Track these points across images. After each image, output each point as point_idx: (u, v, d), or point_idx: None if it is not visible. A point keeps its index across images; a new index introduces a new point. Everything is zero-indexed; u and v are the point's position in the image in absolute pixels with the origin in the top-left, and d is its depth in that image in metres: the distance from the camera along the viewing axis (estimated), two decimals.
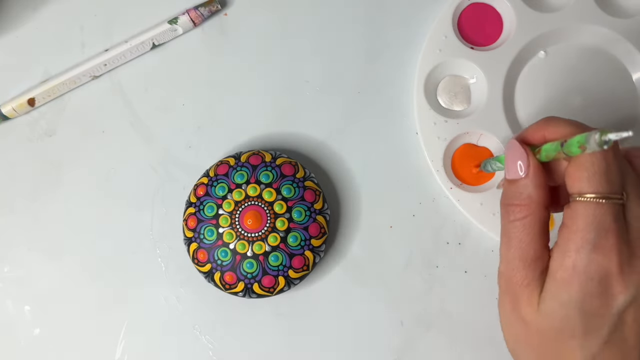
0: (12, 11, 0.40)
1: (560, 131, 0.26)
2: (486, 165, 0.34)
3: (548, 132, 0.27)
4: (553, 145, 0.25)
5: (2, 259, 0.38)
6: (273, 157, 0.36)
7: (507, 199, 0.27)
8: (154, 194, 0.38)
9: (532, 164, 0.26)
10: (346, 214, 0.38)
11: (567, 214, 0.25)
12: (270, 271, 0.34)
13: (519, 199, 0.27)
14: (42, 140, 0.39)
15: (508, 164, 0.27)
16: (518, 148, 0.27)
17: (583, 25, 0.38)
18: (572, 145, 0.23)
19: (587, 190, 0.24)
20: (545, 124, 0.27)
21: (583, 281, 0.24)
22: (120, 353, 0.37)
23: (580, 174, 0.24)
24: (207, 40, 0.39)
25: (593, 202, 0.24)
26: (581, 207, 0.24)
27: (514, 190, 0.27)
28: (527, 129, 0.28)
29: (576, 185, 0.25)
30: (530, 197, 0.26)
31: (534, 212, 0.26)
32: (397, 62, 0.39)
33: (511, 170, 0.27)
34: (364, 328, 0.37)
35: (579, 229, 0.24)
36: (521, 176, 0.27)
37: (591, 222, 0.24)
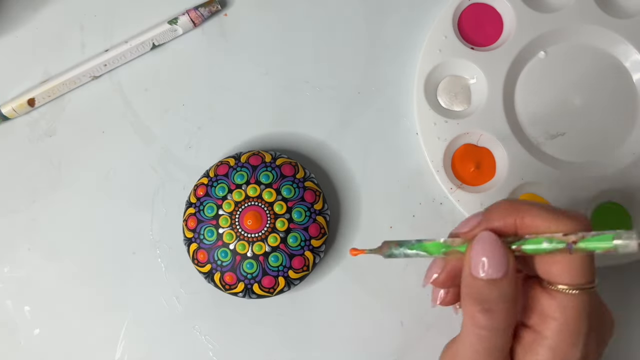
0: (12, 11, 0.40)
1: (540, 224, 0.23)
2: (394, 250, 0.26)
3: (522, 222, 0.23)
4: (552, 244, 0.22)
5: (2, 259, 0.38)
6: (273, 157, 0.36)
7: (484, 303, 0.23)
8: (154, 194, 0.38)
9: (512, 262, 0.23)
10: (346, 214, 0.38)
11: (550, 305, 0.23)
12: (270, 272, 0.34)
13: (502, 302, 0.23)
14: (42, 140, 0.39)
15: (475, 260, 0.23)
16: (497, 245, 0.23)
17: (583, 25, 0.38)
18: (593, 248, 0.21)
19: (578, 282, 0.22)
20: (514, 212, 0.24)
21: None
22: (120, 353, 0.37)
23: (571, 268, 0.22)
24: (207, 41, 0.39)
25: (582, 293, 0.23)
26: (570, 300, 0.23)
27: (494, 291, 0.23)
28: (488, 213, 0.24)
29: (563, 277, 0.23)
30: (513, 299, 0.23)
31: (514, 315, 0.23)
32: (397, 62, 0.39)
33: (489, 268, 0.23)
34: (364, 328, 0.37)
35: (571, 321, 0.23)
36: (501, 276, 0.23)
37: (582, 315, 0.23)
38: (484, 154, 0.38)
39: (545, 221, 0.23)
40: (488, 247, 0.23)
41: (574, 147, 0.38)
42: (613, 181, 0.37)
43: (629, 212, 0.37)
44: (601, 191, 0.36)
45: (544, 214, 0.23)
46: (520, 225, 0.24)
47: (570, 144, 0.38)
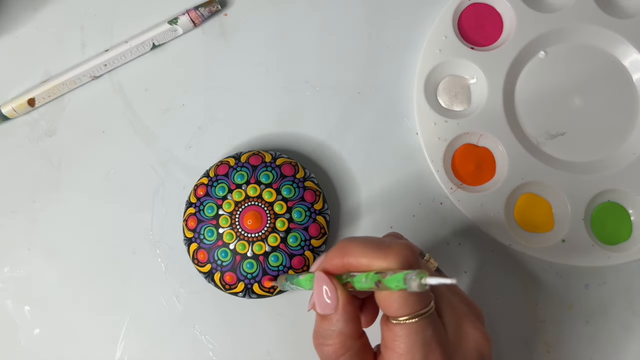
0: (12, 11, 0.40)
1: (360, 262, 0.25)
2: (284, 284, 0.31)
3: (348, 261, 0.25)
4: (367, 281, 0.24)
5: (2, 259, 0.38)
6: (273, 157, 0.36)
7: (320, 338, 0.26)
8: (154, 194, 0.38)
9: (342, 298, 0.25)
10: (346, 214, 0.38)
11: (389, 336, 0.25)
12: (270, 271, 0.34)
13: (331, 338, 0.25)
14: (42, 140, 0.39)
15: (317, 297, 0.26)
16: (326, 281, 0.25)
17: (583, 25, 0.38)
18: (389, 285, 0.22)
19: (404, 313, 0.24)
20: (344, 251, 0.25)
21: None
22: (120, 353, 0.37)
23: (393, 300, 0.24)
24: (207, 41, 0.39)
25: (411, 323, 0.24)
26: (401, 330, 0.24)
27: (325, 327, 0.26)
28: (327, 253, 0.26)
29: (391, 310, 0.24)
30: (343, 333, 0.25)
31: (349, 348, 0.25)
32: (397, 62, 0.39)
33: (321, 305, 0.25)
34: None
35: (405, 351, 0.24)
36: (331, 310, 0.25)
37: (415, 343, 0.24)
38: (484, 154, 0.38)
39: (364, 259, 0.24)
40: (319, 285, 0.25)
41: (574, 147, 0.38)
42: (613, 181, 0.37)
43: (629, 212, 0.37)
44: (601, 191, 0.36)
45: (363, 253, 0.25)
46: (348, 264, 0.25)
47: (570, 144, 0.38)
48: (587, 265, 0.36)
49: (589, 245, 0.36)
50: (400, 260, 0.24)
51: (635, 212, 0.37)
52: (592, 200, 0.37)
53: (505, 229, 0.36)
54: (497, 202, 0.36)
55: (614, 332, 0.37)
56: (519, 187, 0.37)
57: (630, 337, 0.37)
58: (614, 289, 0.37)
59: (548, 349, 0.37)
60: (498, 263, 0.37)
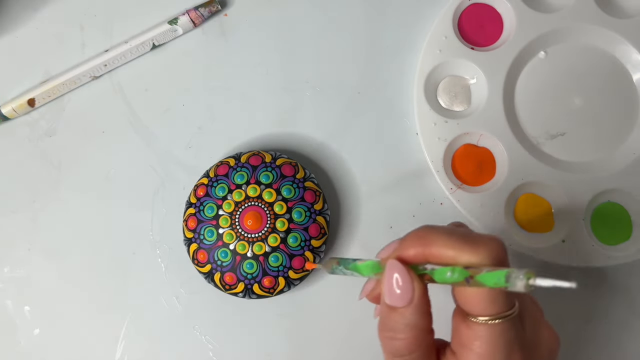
0: (12, 11, 0.40)
1: (444, 256, 0.23)
2: (335, 269, 0.28)
3: (430, 251, 0.23)
4: (454, 276, 0.22)
5: (2, 259, 0.38)
6: (273, 157, 0.36)
7: (389, 331, 0.24)
8: (154, 194, 0.38)
9: (418, 290, 0.23)
10: (346, 214, 0.38)
11: (468, 335, 0.23)
12: (270, 272, 0.34)
13: (403, 331, 0.23)
14: (42, 141, 0.39)
15: (389, 287, 0.24)
16: (402, 272, 0.23)
17: (583, 25, 0.38)
18: (486, 283, 0.21)
19: (490, 313, 0.23)
20: (425, 240, 0.24)
21: None
22: (120, 353, 0.37)
23: (481, 299, 0.22)
24: (207, 41, 0.39)
25: (497, 323, 0.23)
26: (484, 330, 0.23)
27: (396, 319, 0.24)
28: (403, 240, 0.24)
29: (477, 309, 0.23)
30: (417, 326, 0.23)
31: (421, 344, 0.24)
32: (397, 62, 0.39)
33: (392, 296, 0.23)
34: (364, 328, 0.37)
35: (486, 352, 0.23)
36: (406, 303, 0.23)
37: (498, 345, 0.23)
38: (484, 154, 0.38)
39: (451, 252, 0.23)
40: (393, 275, 0.23)
41: (574, 147, 0.38)
42: (613, 181, 0.37)
43: (628, 212, 0.37)
44: (601, 191, 0.36)
45: (449, 245, 0.23)
46: (430, 255, 0.23)
47: (570, 144, 0.38)
48: (587, 265, 0.36)
49: (589, 245, 0.36)
50: (492, 256, 0.22)
51: (635, 212, 0.37)
52: (592, 200, 0.37)
53: (505, 229, 0.36)
54: (497, 202, 0.36)
55: (614, 332, 0.37)
56: (519, 187, 0.37)
57: (630, 337, 0.37)
58: (614, 289, 0.37)
59: None
60: None
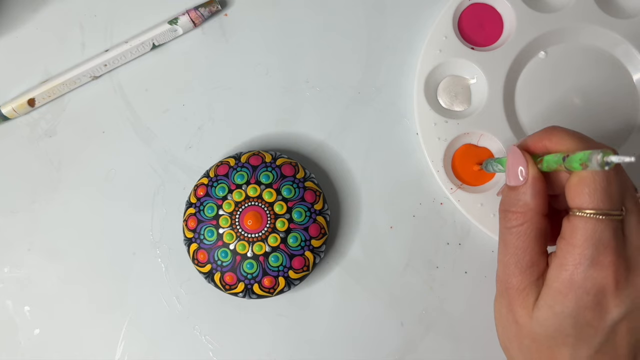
0: (12, 11, 0.40)
1: (563, 144, 0.26)
2: (487, 165, 0.34)
3: (550, 142, 0.27)
4: (555, 157, 0.25)
5: (2, 259, 0.38)
6: (273, 157, 0.36)
7: (505, 205, 0.28)
8: (154, 194, 0.38)
9: (532, 172, 0.27)
10: (346, 214, 0.38)
11: (566, 227, 0.25)
12: (271, 272, 0.34)
13: (516, 206, 0.27)
14: (42, 141, 0.39)
15: (509, 170, 0.27)
16: (519, 155, 0.27)
17: (583, 25, 0.38)
18: (573, 161, 0.23)
19: (588, 206, 0.24)
20: (548, 134, 0.27)
21: (579, 295, 0.25)
22: (120, 353, 0.37)
23: (581, 189, 0.24)
24: (207, 41, 0.39)
25: (593, 218, 0.24)
26: (581, 222, 0.25)
27: (512, 196, 0.27)
28: (529, 136, 0.28)
29: (576, 200, 0.25)
30: (528, 204, 0.27)
31: (530, 220, 0.27)
32: (398, 62, 0.39)
33: (511, 177, 0.27)
34: (364, 329, 0.37)
35: (578, 244, 0.24)
36: (521, 183, 0.27)
37: (590, 238, 0.24)
38: (484, 154, 0.38)
39: (566, 143, 0.26)
40: (511, 157, 0.27)
41: None
42: None
43: None
44: None
45: (566, 137, 0.26)
46: (550, 145, 0.27)
47: None
48: None
49: None
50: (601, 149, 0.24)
51: None
52: None
53: None
54: (497, 202, 0.36)
55: None
56: None
57: None
58: None
59: None
60: None
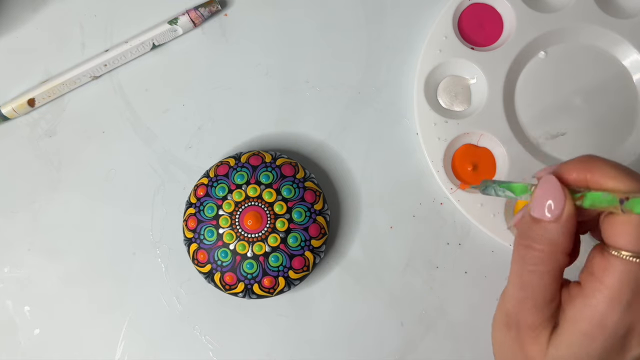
0: (12, 11, 0.40)
1: (608, 179, 0.23)
2: (489, 188, 0.29)
3: (593, 176, 0.24)
4: (607, 197, 0.22)
5: (2, 259, 0.38)
6: (273, 157, 0.36)
7: (527, 240, 0.25)
8: (154, 194, 0.38)
9: (568, 208, 0.24)
10: (346, 214, 0.38)
11: (599, 264, 0.23)
12: (271, 272, 0.34)
13: (541, 243, 0.24)
14: (42, 141, 0.39)
15: (538, 200, 0.24)
16: (556, 187, 0.24)
17: (583, 25, 0.38)
18: (636, 205, 0.21)
19: (633, 248, 0.23)
20: (588, 166, 0.24)
21: (609, 339, 0.23)
22: (120, 353, 0.37)
23: (628, 231, 0.23)
24: (207, 41, 0.39)
25: (634, 262, 0.23)
26: (620, 264, 0.23)
27: (537, 231, 0.24)
28: (563, 164, 0.25)
29: (619, 240, 0.23)
30: (555, 243, 0.24)
31: (555, 259, 0.24)
32: (398, 62, 0.39)
33: (539, 208, 0.24)
34: (364, 329, 0.37)
35: (615, 285, 0.23)
36: (549, 218, 0.24)
37: (630, 282, 0.23)
38: (484, 154, 0.38)
39: (614, 180, 0.23)
40: (544, 187, 0.24)
41: (574, 147, 0.38)
42: None
43: None
44: None
45: (613, 172, 0.23)
46: (591, 179, 0.24)
47: (571, 144, 0.38)
48: None
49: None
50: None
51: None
52: None
53: (505, 229, 0.36)
54: (497, 202, 0.36)
55: None
56: None
57: None
58: None
59: None
60: (498, 263, 0.37)
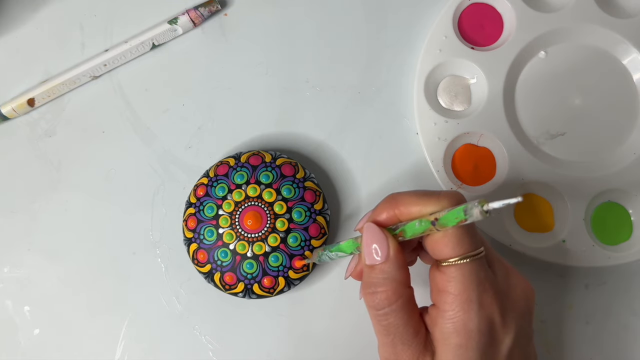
0: (12, 11, 0.40)
1: (413, 210, 0.26)
2: (321, 256, 0.32)
3: (399, 211, 0.26)
4: (421, 225, 0.25)
5: (2, 259, 0.38)
6: (273, 157, 0.36)
7: (370, 287, 0.26)
8: (154, 194, 0.38)
9: (392, 246, 0.26)
10: (346, 214, 0.38)
11: (440, 279, 0.25)
12: (270, 272, 0.34)
13: (383, 285, 0.26)
14: (42, 141, 0.39)
15: (367, 249, 0.26)
16: (377, 232, 0.26)
17: (583, 25, 0.38)
18: (449, 221, 0.23)
19: (458, 253, 0.25)
20: (392, 204, 0.26)
21: (478, 339, 0.25)
22: (120, 353, 0.37)
23: (448, 240, 0.25)
24: (207, 41, 0.39)
25: (465, 263, 0.25)
26: (456, 271, 0.25)
27: (376, 275, 0.26)
28: (372, 211, 0.28)
29: (445, 251, 0.25)
30: (395, 280, 0.26)
31: (402, 295, 0.26)
32: (398, 62, 0.39)
33: (370, 256, 0.26)
34: (364, 329, 0.37)
35: (461, 291, 0.25)
36: (378, 261, 0.26)
37: (470, 283, 0.25)
38: (484, 154, 0.38)
39: (416, 206, 0.26)
40: (367, 236, 0.26)
41: (574, 147, 0.38)
42: (613, 181, 0.37)
43: (629, 212, 0.37)
44: (601, 191, 0.36)
45: (414, 200, 0.26)
46: (400, 214, 0.26)
47: (570, 144, 0.38)
48: (587, 265, 0.36)
49: (589, 245, 0.36)
50: (453, 202, 0.25)
51: (636, 212, 0.37)
52: (592, 200, 0.37)
53: (505, 229, 0.36)
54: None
55: (614, 332, 0.37)
56: (519, 187, 0.37)
57: (630, 337, 0.37)
58: (614, 289, 0.37)
59: (548, 349, 0.37)
60: None
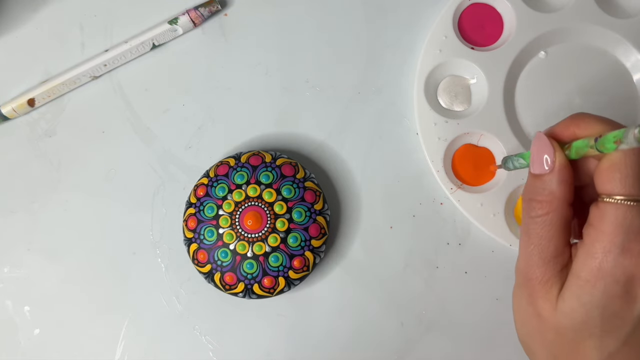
0: (12, 11, 0.40)
1: (592, 128, 0.25)
2: (507, 162, 0.32)
3: (579, 128, 0.26)
4: (585, 141, 0.24)
5: (2, 259, 0.38)
6: (273, 157, 0.36)
7: (530, 194, 0.27)
8: (154, 194, 0.38)
9: (559, 159, 0.26)
10: (346, 214, 0.38)
11: (595, 214, 0.24)
12: (271, 272, 0.34)
13: (541, 195, 0.26)
14: (42, 141, 0.39)
15: (534, 157, 0.26)
16: (545, 141, 0.26)
17: (583, 25, 0.38)
18: (607, 141, 0.22)
19: (619, 191, 0.24)
20: (576, 120, 0.26)
21: (608, 284, 0.24)
22: (120, 353, 0.37)
23: (613, 175, 0.24)
24: (207, 41, 0.39)
25: (624, 204, 0.23)
26: (611, 209, 0.24)
27: (537, 185, 0.26)
28: (556, 124, 0.27)
29: (607, 186, 0.24)
30: (553, 193, 0.26)
31: (556, 209, 0.26)
32: (398, 62, 0.39)
33: (536, 164, 0.26)
34: (364, 328, 0.37)
35: (608, 231, 0.24)
36: (546, 171, 0.26)
37: (620, 225, 0.23)
38: (484, 154, 0.38)
39: (597, 127, 0.25)
40: (537, 145, 0.26)
41: None
42: None
43: None
44: None
45: (596, 122, 0.25)
46: (578, 133, 0.26)
47: None
48: None
49: None
50: None
51: None
52: None
53: (505, 229, 0.36)
54: (497, 202, 0.36)
55: None
56: (519, 187, 0.37)
57: None
58: None
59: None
60: (498, 263, 0.37)
